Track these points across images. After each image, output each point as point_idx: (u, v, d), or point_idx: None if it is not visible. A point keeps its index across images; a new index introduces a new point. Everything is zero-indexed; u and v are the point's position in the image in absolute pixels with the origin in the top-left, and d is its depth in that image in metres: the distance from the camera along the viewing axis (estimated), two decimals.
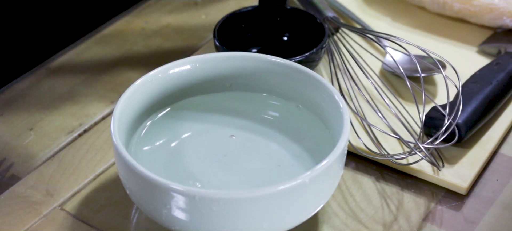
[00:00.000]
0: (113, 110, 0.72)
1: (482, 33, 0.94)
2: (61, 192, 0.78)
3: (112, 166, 0.80)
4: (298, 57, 0.82)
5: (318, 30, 0.87)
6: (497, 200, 0.77)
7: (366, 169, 0.80)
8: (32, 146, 0.83)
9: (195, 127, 0.78)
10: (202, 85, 0.79)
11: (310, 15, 0.89)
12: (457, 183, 0.77)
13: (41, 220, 0.76)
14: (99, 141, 0.83)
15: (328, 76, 0.88)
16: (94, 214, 0.76)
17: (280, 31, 0.91)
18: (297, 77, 0.77)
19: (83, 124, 0.85)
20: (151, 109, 0.77)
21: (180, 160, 0.75)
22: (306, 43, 0.87)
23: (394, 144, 0.81)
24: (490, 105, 0.82)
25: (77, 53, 0.95)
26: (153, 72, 0.76)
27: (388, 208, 0.76)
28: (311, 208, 0.69)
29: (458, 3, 0.93)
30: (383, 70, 0.89)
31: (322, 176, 0.67)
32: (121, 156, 0.68)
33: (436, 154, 0.79)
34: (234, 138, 0.77)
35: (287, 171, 0.74)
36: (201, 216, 0.66)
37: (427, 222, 0.75)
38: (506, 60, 0.86)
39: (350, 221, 0.75)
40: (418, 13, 0.97)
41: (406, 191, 0.78)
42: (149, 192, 0.67)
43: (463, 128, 0.79)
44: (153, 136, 0.76)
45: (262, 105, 0.79)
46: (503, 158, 0.81)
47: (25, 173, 0.80)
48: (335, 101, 0.73)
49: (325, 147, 0.73)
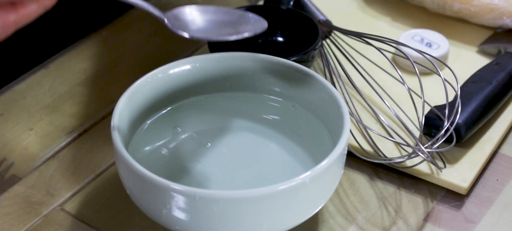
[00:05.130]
0: (113, 110, 0.72)
1: (482, 33, 0.94)
2: (61, 192, 0.78)
3: (112, 166, 0.80)
4: (294, 57, 0.82)
5: (311, 31, 0.87)
6: (497, 200, 0.77)
7: (366, 168, 0.80)
8: (32, 146, 0.83)
9: (195, 127, 0.78)
10: (202, 85, 0.79)
11: (305, 16, 0.89)
12: (457, 183, 0.77)
13: (41, 220, 0.76)
14: (99, 141, 0.83)
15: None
16: (94, 214, 0.76)
17: (274, 32, 0.90)
18: (297, 77, 0.77)
19: (83, 124, 0.85)
20: (151, 109, 0.77)
21: (180, 160, 0.75)
22: (299, 44, 0.87)
23: (394, 144, 0.81)
24: (490, 105, 0.82)
25: (77, 53, 0.95)
26: (153, 72, 0.76)
27: (387, 208, 0.76)
28: (311, 208, 0.69)
29: (458, 3, 0.93)
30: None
31: (322, 176, 0.67)
32: (121, 156, 0.68)
33: (437, 155, 0.79)
34: (234, 138, 0.77)
35: (287, 171, 0.74)
36: (201, 216, 0.66)
37: (427, 222, 0.75)
38: (506, 60, 0.86)
39: (349, 221, 0.75)
40: (418, 13, 0.97)
41: (406, 191, 0.78)
42: (149, 192, 0.67)
43: (462, 128, 0.79)
44: (153, 136, 0.76)
45: (262, 105, 0.79)
46: (503, 158, 0.81)
47: (25, 173, 0.80)
48: (335, 101, 0.73)
49: (325, 147, 0.73)
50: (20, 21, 0.63)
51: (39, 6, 0.64)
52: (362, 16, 0.98)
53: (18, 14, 0.63)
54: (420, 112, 0.79)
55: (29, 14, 0.63)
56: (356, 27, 0.90)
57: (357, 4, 1.00)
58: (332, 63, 0.87)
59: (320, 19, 0.91)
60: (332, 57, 0.88)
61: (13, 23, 0.63)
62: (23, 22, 0.63)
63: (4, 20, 0.62)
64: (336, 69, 0.86)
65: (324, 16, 0.92)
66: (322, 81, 0.75)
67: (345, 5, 0.99)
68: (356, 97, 0.85)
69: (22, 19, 0.63)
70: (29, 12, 0.63)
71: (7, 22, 0.63)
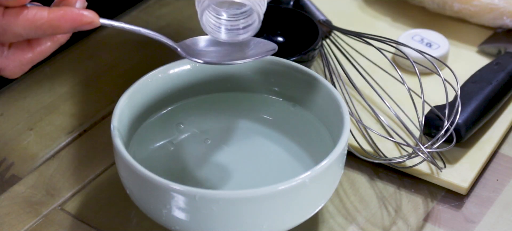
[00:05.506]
0: (113, 110, 0.72)
1: (482, 33, 0.94)
2: (61, 192, 0.78)
3: (112, 166, 0.80)
4: (294, 57, 0.82)
5: (311, 31, 0.87)
6: (497, 200, 0.77)
7: (366, 168, 0.80)
8: (32, 146, 0.83)
9: (195, 127, 0.78)
10: (202, 85, 0.79)
11: (305, 16, 0.89)
12: (457, 183, 0.77)
13: (41, 220, 0.76)
14: (99, 141, 0.83)
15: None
16: (94, 214, 0.76)
17: (274, 32, 0.90)
18: (297, 77, 0.77)
19: (83, 124, 0.85)
20: (151, 109, 0.77)
21: (180, 160, 0.75)
22: (299, 44, 0.87)
23: (394, 144, 0.81)
24: (490, 105, 0.82)
25: (77, 53, 0.95)
26: (153, 72, 0.76)
27: (387, 208, 0.76)
28: (311, 208, 0.69)
29: (458, 3, 0.93)
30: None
31: (322, 176, 0.67)
32: (121, 156, 0.68)
33: (437, 155, 0.79)
34: (234, 138, 0.77)
35: (287, 171, 0.74)
36: (201, 216, 0.66)
37: (427, 222, 0.75)
38: (506, 60, 0.86)
39: (350, 221, 0.75)
40: (418, 13, 0.97)
41: (406, 191, 0.78)
42: (149, 192, 0.67)
43: (462, 128, 0.79)
44: (153, 136, 0.76)
45: (262, 105, 0.79)
46: (503, 158, 0.81)
47: (25, 173, 0.80)
48: (335, 101, 0.73)
49: (325, 147, 0.73)
50: (36, 58, 0.66)
51: (54, 43, 0.66)
52: (362, 16, 0.98)
53: (34, 52, 0.66)
54: (420, 113, 0.79)
55: (44, 51, 0.66)
56: (356, 27, 0.90)
57: (357, 4, 1.00)
58: (332, 63, 0.87)
59: (320, 19, 0.91)
60: (332, 57, 0.88)
61: (30, 61, 0.66)
62: (39, 59, 0.66)
63: (21, 58, 0.65)
64: (336, 69, 0.86)
65: (324, 16, 0.92)
66: (322, 81, 0.75)
67: (345, 5, 0.99)
68: (356, 97, 0.85)
69: (38, 57, 0.66)
70: (44, 49, 0.66)
71: (24, 61, 0.65)
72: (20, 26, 0.63)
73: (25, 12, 0.63)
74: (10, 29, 0.63)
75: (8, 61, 0.65)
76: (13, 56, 0.65)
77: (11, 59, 0.65)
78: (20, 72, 0.66)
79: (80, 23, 0.65)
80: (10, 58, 0.65)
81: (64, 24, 0.64)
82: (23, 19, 0.63)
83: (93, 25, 0.65)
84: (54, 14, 0.64)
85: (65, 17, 0.64)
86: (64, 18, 0.64)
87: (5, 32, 0.63)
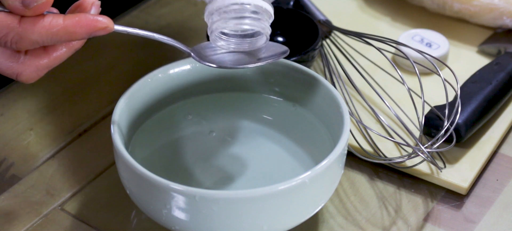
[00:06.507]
0: (113, 111, 0.72)
1: (482, 33, 0.94)
2: (61, 192, 0.78)
3: (112, 166, 0.80)
4: (294, 57, 0.82)
5: (311, 31, 0.87)
6: (497, 200, 0.77)
7: (366, 168, 0.80)
8: (32, 146, 0.83)
9: (195, 127, 0.78)
10: (202, 86, 0.79)
11: (305, 16, 0.89)
12: (457, 183, 0.77)
13: (41, 220, 0.76)
14: (99, 141, 0.83)
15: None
16: (94, 214, 0.76)
17: (274, 32, 0.90)
18: (297, 77, 0.77)
19: (83, 124, 0.85)
20: (151, 109, 0.77)
21: (180, 160, 0.75)
22: (299, 44, 0.87)
23: (394, 144, 0.81)
24: (490, 105, 0.82)
25: (78, 53, 0.95)
26: (153, 72, 0.76)
27: (387, 208, 0.76)
28: (311, 208, 0.69)
29: (458, 3, 0.93)
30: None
31: (322, 176, 0.67)
32: (121, 156, 0.68)
33: (437, 155, 0.79)
34: (234, 138, 0.77)
35: (287, 171, 0.74)
36: (201, 216, 0.66)
37: (427, 222, 0.75)
38: (506, 60, 0.86)
39: (350, 221, 0.75)
40: (418, 13, 0.97)
41: (406, 191, 0.78)
42: (149, 192, 0.67)
43: (462, 128, 0.79)
44: (153, 136, 0.76)
45: (262, 105, 0.79)
46: (503, 158, 0.81)
47: (25, 173, 0.80)
48: (335, 101, 0.73)
49: (325, 147, 0.73)
50: (52, 64, 0.66)
51: (69, 49, 0.67)
52: (362, 16, 0.98)
53: (50, 57, 0.66)
54: (420, 113, 0.79)
55: (60, 56, 0.67)
56: (356, 27, 0.90)
57: (357, 4, 1.00)
58: (332, 63, 0.87)
59: (320, 19, 0.91)
60: (332, 57, 0.88)
61: (46, 66, 0.66)
62: (54, 64, 0.67)
63: (37, 64, 0.66)
64: (336, 69, 0.86)
65: (324, 16, 0.92)
66: (322, 81, 0.75)
67: (345, 5, 0.99)
68: (356, 97, 0.85)
69: (54, 62, 0.66)
70: (60, 54, 0.67)
71: (40, 66, 0.66)
72: (37, 33, 0.63)
73: (41, 20, 0.63)
74: (26, 36, 0.63)
75: (25, 66, 0.65)
76: (29, 62, 0.65)
77: (27, 64, 0.65)
78: (37, 77, 0.66)
79: (95, 29, 0.65)
80: (27, 64, 0.65)
81: (79, 31, 0.64)
82: (39, 27, 0.63)
83: (108, 31, 0.66)
84: (70, 21, 0.64)
85: (80, 23, 0.64)
86: (80, 25, 0.64)
87: (22, 40, 0.64)
